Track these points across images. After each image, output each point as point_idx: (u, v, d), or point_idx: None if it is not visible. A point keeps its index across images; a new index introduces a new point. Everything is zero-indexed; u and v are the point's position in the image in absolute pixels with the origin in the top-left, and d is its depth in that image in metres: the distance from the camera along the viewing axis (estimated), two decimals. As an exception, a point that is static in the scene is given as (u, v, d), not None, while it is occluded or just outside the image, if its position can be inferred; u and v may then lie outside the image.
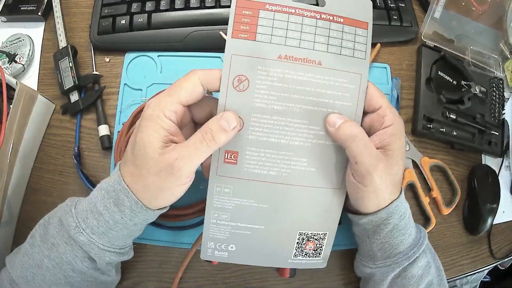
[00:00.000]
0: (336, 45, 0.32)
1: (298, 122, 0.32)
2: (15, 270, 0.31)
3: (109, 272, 0.35)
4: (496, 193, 0.46)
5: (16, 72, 0.48)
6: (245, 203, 0.33)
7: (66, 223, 0.31)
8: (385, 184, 0.31)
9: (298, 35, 0.31)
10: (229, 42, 0.30)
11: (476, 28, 0.50)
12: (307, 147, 0.32)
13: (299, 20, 0.31)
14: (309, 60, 0.31)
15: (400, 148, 0.32)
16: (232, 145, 0.32)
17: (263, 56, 0.31)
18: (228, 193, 0.33)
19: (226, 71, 0.30)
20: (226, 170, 0.32)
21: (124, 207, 0.30)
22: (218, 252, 0.35)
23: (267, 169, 0.32)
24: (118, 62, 0.48)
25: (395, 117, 0.32)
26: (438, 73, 0.49)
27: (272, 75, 0.31)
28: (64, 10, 0.50)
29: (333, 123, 0.31)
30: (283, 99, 0.31)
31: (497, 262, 0.47)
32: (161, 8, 0.48)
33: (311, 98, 0.31)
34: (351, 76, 0.32)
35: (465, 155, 0.49)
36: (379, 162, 0.30)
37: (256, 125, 0.31)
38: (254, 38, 0.31)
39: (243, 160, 0.32)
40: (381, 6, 0.51)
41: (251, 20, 0.31)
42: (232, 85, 0.31)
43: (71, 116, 0.47)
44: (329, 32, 0.31)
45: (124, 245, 0.33)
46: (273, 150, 0.32)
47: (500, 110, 0.49)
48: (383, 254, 0.35)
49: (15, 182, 0.42)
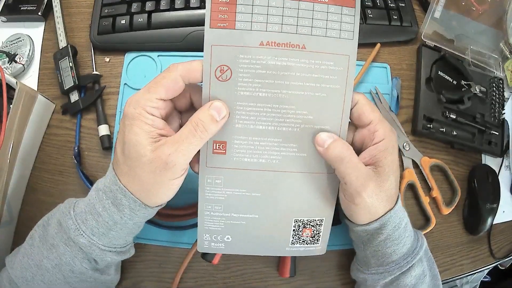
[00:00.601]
0: (321, 27, 0.30)
1: (285, 107, 0.31)
2: (14, 270, 0.31)
3: (109, 272, 0.35)
4: (496, 193, 0.46)
5: (16, 72, 0.47)
6: (237, 193, 0.33)
7: (66, 225, 0.31)
8: (377, 200, 0.31)
9: (280, 20, 0.30)
10: (208, 33, 0.30)
11: (476, 28, 0.50)
12: (296, 133, 0.32)
13: (279, 3, 0.30)
14: (292, 44, 0.30)
15: (391, 163, 0.31)
16: (220, 135, 0.31)
17: (244, 44, 0.30)
18: (220, 184, 0.33)
19: (207, 62, 0.30)
20: (216, 161, 0.32)
21: (122, 206, 0.30)
22: (214, 244, 0.35)
23: (257, 157, 0.32)
24: (118, 62, 0.48)
25: (386, 131, 0.31)
26: (438, 73, 0.49)
27: (255, 62, 0.30)
28: (64, 10, 0.50)
29: (322, 142, 0.31)
30: (268, 86, 0.31)
31: (497, 262, 0.47)
32: (161, 8, 0.48)
33: (297, 83, 0.31)
34: (338, 58, 0.31)
35: (465, 155, 0.49)
36: (368, 182, 0.30)
37: (243, 114, 0.31)
38: (233, 27, 0.30)
39: (232, 149, 0.32)
40: (381, 6, 0.51)
41: (229, 8, 0.29)
42: (215, 76, 0.30)
43: (71, 116, 0.47)
44: (312, 14, 0.30)
45: (124, 244, 0.33)
46: (261, 138, 0.32)
47: (500, 110, 0.49)
48: (376, 261, 0.35)
49: (15, 182, 0.42)
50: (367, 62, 0.48)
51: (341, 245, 0.42)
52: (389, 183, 0.31)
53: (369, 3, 0.50)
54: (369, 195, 0.30)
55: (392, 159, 0.31)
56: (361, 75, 0.48)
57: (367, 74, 0.49)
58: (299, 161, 0.33)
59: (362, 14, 0.50)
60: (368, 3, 0.50)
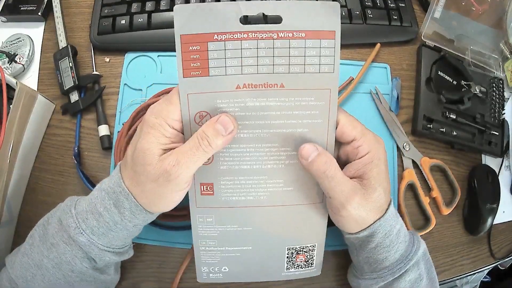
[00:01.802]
0: (298, 64, 0.29)
1: (268, 146, 0.31)
2: (14, 270, 0.31)
3: (108, 271, 0.35)
4: (496, 193, 0.46)
5: (16, 72, 0.48)
6: (229, 229, 0.34)
7: (66, 224, 0.31)
8: (364, 211, 0.31)
9: (255, 61, 0.29)
10: (182, 82, 0.29)
11: (476, 28, 0.50)
12: (281, 169, 0.32)
13: (253, 44, 0.28)
14: (270, 84, 0.29)
15: (377, 175, 0.31)
16: (206, 177, 0.32)
17: (220, 89, 0.29)
18: (211, 222, 0.34)
19: (185, 110, 0.29)
20: (205, 201, 0.33)
21: (124, 209, 0.30)
22: (212, 274, 0.36)
23: (244, 195, 0.33)
24: (118, 62, 0.48)
25: (371, 143, 0.31)
26: (438, 73, 0.49)
27: (233, 105, 0.30)
28: (64, 10, 0.50)
29: (306, 155, 0.30)
30: (248, 127, 0.30)
31: (497, 262, 0.47)
32: (161, 8, 0.48)
33: (277, 121, 0.30)
34: (318, 92, 0.30)
35: (465, 155, 0.49)
36: (353, 195, 0.30)
37: (226, 155, 0.31)
38: (207, 74, 0.29)
39: (219, 190, 0.32)
40: (381, 6, 0.51)
41: (200, 55, 0.28)
42: (195, 121, 0.30)
43: (71, 116, 0.47)
44: (289, 51, 0.29)
45: (123, 245, 0.34)
46: (247, 177, 0.32)
47: (500, 110, 0.49)
48: (369, 267, 0.35)
49: (15, 182, 0.42)
50: (367, 62, 0.48)
51: (339, 245, 0.42)
52: (376, 194, 0.31)
53: (369, 3, 0.50)
54: (355, 207, 0.30)
55: (378, 171, 0.31)
56: (361, 75, 0.48)
57: (367, 74, 0.49)
58: (287, 195, 0.33)
59: (362, 14, 0.50)
60: (368, 3, 0.50)
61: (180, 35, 0.28)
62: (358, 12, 0.50)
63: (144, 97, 0.46)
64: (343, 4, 0.50)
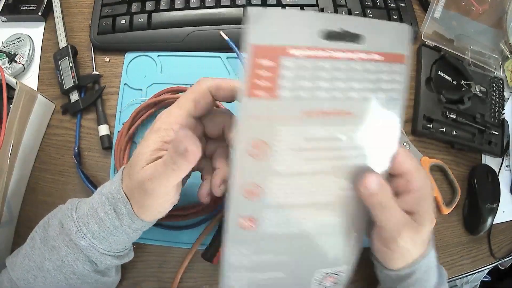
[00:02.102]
0: (370, 89, 0.26)
1: (324, 178, 0.27)
2: (16, 272, 0.31)
3: (110, 273, 0.35)
4: (496, 193, 0.46)
5: (16, 72, 0.48)
6: (264, 258, 0.30)
7: (67, 227, 0.30)
8: (412, 245, 0.30)
9: (330, 85, 0.25)
10: (244, 103, 0.24)
11: (476, 28, 0.50)
12: (334, 201, 0.29)
13: (332, 64, 0.24)
14: (339, 111, 0.25)
15: (428, 211, 0.30)
16: (250, 211, 0.27)
17: (284, 114, 0.25)
18: (247, 254, 0.30)
19: (240, 135, 0.25)
20: (244, 235, 0.28)
21: (122, 215, 0.30)
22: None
23: (287, 228, 0.29)
24: (118, 62, 0.48)
25: (421, 180, 0.30)
26: (438, 73, 0.49)
27: (295, 133, 0.25)
28: (64, 10, 0.50)
29: (369, 186, 0.28)
30: (307, 159, 0.27)
31: (497, 262, 0.47)
32: (161, 8, 0.48)
33: (339, 152, 0.27)
34: (384, 121, 0.27)
35: (465, 155, 0.49)
36: (405, 228, 0.29)
37: (276, 190, 0.27)
38: (274, 95, 0.24)
39: (262, 225, 0.28)
40: (381, 6, 0.51)
41: (270, 72, 0.23)
42: (247, 150, 0.25)
43: (71, 116, 0.47)
44: (363, 75, 0.25)
45: (124, 248, 0.34)
46: (295, 211, 0.28)
47: (500, 110, 0.49)
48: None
49: (15, 182, 0.42)
50: (367, 62, 0.48)
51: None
52: (426, 229, 0.31)
53: (369, 3, 0.50)
54: (405, 241, 0.30)
55: (429, 205, 0.31)
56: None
57: (367, 74, 0.49)
58: (332, 225, 0.30)
59: (362, 14, 0.50)
60: (368, 3, 0.50)
61: (253, 45, 0.23)
62: (358, 12, 0.50)
63: (144, 97, 0.46)
64: (343, 4, 0.50)
